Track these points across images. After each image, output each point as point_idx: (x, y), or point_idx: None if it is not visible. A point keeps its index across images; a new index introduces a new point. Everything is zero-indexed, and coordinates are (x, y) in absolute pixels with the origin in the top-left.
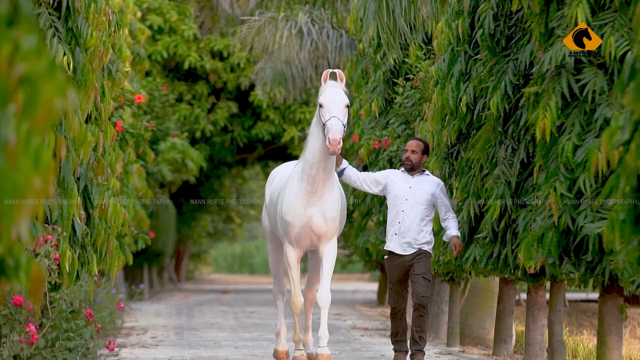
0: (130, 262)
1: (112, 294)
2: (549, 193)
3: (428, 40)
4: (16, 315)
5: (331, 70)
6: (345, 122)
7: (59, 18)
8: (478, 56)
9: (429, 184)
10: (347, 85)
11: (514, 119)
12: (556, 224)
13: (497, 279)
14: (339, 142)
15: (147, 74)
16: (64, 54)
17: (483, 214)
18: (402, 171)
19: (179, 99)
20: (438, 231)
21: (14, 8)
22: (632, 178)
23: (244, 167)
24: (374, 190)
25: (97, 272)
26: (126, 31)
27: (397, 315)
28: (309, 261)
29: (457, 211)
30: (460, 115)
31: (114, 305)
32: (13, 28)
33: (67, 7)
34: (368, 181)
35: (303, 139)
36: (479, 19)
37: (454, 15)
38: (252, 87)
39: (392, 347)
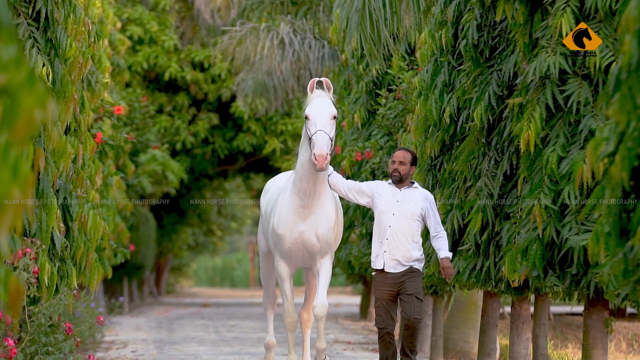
0: (110, 276)
1: (92, 307)
2: (533, 205)
3: (411, 51)
4: None
5: (317, 79)
6: (332, 134)
7: (37, 28)
8: (461, 67)
9: (417, 197)
10: None
11: (497, 131)
12: (540, 236)
13: (480, 292)
14: (326, 158)
15: (127, 85)
16: (43, 65)
17: (466, 226)
18: (390, 183)
19: (160, 111)
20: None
21: None
22: (617, 190)
23: (225, 179)
24: (360, 201)
25: (76, 286)
26: (106, 42)
27: (385, 339)
28: (305, 281)
29: (442, 223)
30: (443, 127)
31: (94, 319)
32: None
33: (46, 18)
34: (354, 191)
35: (285, 151)
36: (462, 29)
37: (437, 25)
38: (233, 98)
39: None
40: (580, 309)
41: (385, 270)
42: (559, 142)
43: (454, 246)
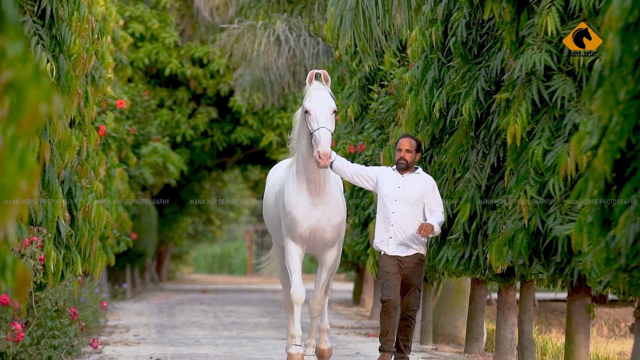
0: (113, 263)
1: (96, 293)
2: (519, 196)
3: (402, 48)
4: (2, 314)
5: (316, 70)
6: (332, 129)
7: (42, 26)
8: (451, 63)
9: (419, 183)
10: None
11: (485, 125)
12: (526, 226)
13: (468, 280)
14: (329, 155)
15: (130, 80)
16: (48, 61)
17: (455, 216)
18: (393, 169)
19: (160, 105)
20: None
21: (0, 16)
22: (600, 182)
23: (224, 171)
24: (367, 185)
25: (81, 272)
26: (109, 38)
27: (389, 311)
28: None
29: None
30: (433, 121)
31: (98, 304)
32: None
33: (51, 15)
34: (361, 175)
35: (281, 143)
36: (451, 27)
37: (428, 23)
38: (231, 93)
39: (379, 345)
40: (563, 295)
41: (391, 255)
42: (544, 136)
43: (443, 235)
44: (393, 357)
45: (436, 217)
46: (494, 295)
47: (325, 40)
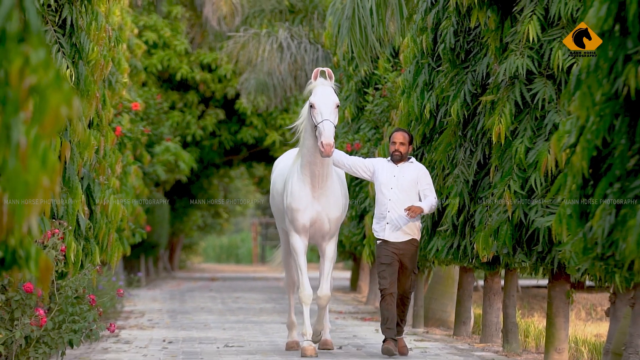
0: (129, 253)
1: (113, 281)
2: (504, 190)
3: (395, 54)
4: (27, 300)
5: (321, 68)
6: (336, 122)
7: (63, 35)
8: (440, 68)
9: (412, 171)
10: None
11: (472, 124)
12: (510, 218)
13: (457, 268)
14: (332, 145)
15: (144, 84)
16: (67, 67)
17: (444, 209)
18: (388, 160)
19: (172, 107)
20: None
21: (24, 26)
22: (578, 177)
23: (230, 168)
24: (364, 175)
25: (99, 262)
26: (124, 46)
27: (387, 300)
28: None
29: None
30: (424, 121)
31: (114, 292)
32: (23, 44)
33: (71, 25)
34: (357, 166)
35: (283, 142)
36: (441, 34)
37: (419, 31)
38: (237, 96)
39: (382, 334)
40: (545, 282)
41: (389, 240)
42: (526, 135)
43: (433, 227)
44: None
45: (427, 201)
46: (481, 282)
47: (324, 47)
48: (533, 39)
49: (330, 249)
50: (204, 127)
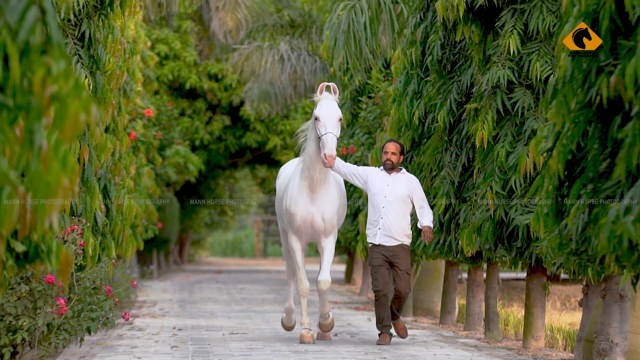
0: (142, 248)
1: (127, 273)
2: (486, 191)
3: (387, 65)
4: (49, 291)
5: (326, 83)
6: (338, 134)
7: (82, 47)
8: (428, 78)
9: (405, 181)
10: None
11: (457, 130)
12: (492, 216)
13: (443, 261)
14: (334, 157)
15: (156, 92)
16: (85, 77)
17: (432, 208)
18: (381, 169)
19: (182, 114)
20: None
21: (46, 39)
22: (554, 179)
23: (235, 170)
24: (357, 182)
25: (114, 256)
26: (138, 58)
27: (381, 301)
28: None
29: None
30: (413, 127)
31: (129, 283)
32: (45, 55)
33: (89, 38)
34: (353, 173)
35: (284, 146)
36: (429, 47)
37: (408, 44)
38: (242, 103)
39: (378, 331)
40: (523, 275)
41: (381, 244)
42: (507, 140)
43: None
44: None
45: (428, 216)
46: (465, 275)
47: (322, 59)
48: (513, 51)
49: (328, 242)
50: (211, 132)
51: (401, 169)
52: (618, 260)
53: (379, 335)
